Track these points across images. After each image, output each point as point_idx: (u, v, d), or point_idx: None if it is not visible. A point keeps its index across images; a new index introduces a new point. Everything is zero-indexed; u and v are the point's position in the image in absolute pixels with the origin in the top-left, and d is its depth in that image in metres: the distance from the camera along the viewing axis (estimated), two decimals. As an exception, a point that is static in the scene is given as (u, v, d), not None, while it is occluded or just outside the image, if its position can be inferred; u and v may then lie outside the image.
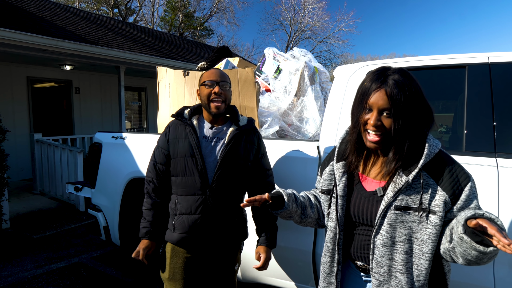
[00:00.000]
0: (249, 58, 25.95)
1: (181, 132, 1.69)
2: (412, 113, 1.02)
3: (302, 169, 2.11)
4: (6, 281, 3.06)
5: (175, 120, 1.76)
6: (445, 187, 1.01)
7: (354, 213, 1.16)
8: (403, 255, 1.04)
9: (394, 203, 1.04)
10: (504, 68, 1.71)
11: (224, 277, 1.75)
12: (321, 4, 28.07)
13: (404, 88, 1.01)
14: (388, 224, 1.05)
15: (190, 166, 1.63)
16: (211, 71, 1.70)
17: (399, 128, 1.01)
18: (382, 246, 1.06)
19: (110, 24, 9.35)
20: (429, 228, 1.01)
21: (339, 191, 1.18)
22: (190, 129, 1.66)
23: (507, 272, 1.56)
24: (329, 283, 1.23)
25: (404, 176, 1.03)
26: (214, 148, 1.67)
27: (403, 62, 1.97)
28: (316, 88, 2.86)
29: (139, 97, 10.29)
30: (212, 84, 1.64)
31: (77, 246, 3.88)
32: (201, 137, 1.68)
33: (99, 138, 3.15)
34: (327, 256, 1.23)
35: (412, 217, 1.03)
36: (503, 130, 1.65)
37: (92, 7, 22.42)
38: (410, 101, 1.02)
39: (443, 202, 1.00)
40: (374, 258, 1.09)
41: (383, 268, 1.07)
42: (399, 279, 1.05)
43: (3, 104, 6.62)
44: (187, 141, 1.65)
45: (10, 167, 4.27)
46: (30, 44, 5.21)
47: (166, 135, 1.73)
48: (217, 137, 1.69)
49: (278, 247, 2.15)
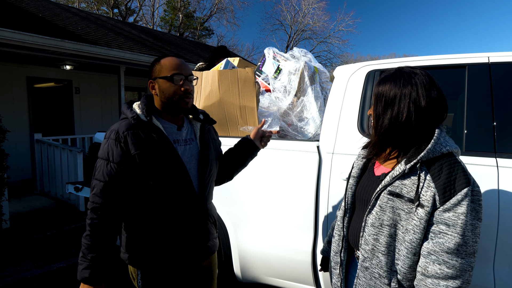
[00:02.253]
0: (249, 58, 25.95)
1: (146, 140, 1.32)
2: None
3: (302, 169, 2.11)
4: (6, 281, 3.06)
5: (126, 124, 1.33)
6: (438, 185, 1.03)
7: (358, 194, 1.26)
8: (388, 238, 1.10)
9: (388, 188, 1.11)
10: (504, 68, 1.71)
11: (211, 281, 1.63)
12: (321, 4, 28.10)
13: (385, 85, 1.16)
14: (379, 206, 1.12)
15: (172, 179, 1.35)
16: (174, 62, 1.39)
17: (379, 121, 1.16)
18: (371, 226, 1.14)
19: (110, 24, 9.35)
20: (414, 220, 1.05)
21: (353, 172, 1.31)
22: (156, 135, 1.34)
23: (507, 272, 1.56)
24: (336, 262, 1.32)
25: (403, 165, 1.09)
26: (190, 151, 1.44)
27: (403, 62, 1.97)
28: (316, 88, 2.86)
29: (139, 97, 10.30)
30: (181, 79, 1.37)
31: (77, 246, 3.87)
32: (172, 141, 1.38)
33: (99, 138, 3.15)
34: (336, 234, 1.34)
35: (402, 205, 1.08)
36: (503, 130, 1.65)
37: (92, 7, 22.42)
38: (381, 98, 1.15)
39: (432, 199, 1.02)
40: (363, 235, 1.17)
41: (368, 246, 1.15)
42: (380, 259, 1.12)
43: (3, 104, 6.62)
44: (160, 150, 1.33)
45: (10, 167, 4.27)
46: (30, 44, 5.21)
47: (123, 146, 1.29)
48: (188, 139, 1.46)
49: (278, 247, 2.15)
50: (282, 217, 2.16)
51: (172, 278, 1.43)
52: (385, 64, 2.02)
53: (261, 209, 2.22)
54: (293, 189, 2.12)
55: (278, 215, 2.17)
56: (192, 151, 1.45)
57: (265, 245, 2.20)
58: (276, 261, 2.16)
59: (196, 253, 1.47)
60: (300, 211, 2.09)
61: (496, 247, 1.56)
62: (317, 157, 2.07)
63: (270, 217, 2.20)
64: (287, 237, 2.14)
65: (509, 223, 1.54)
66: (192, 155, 1.45)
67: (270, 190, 2.20)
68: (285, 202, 2.15)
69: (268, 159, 2.21)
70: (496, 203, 1.56)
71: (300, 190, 2.09)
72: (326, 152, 2.05)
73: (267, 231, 2.20)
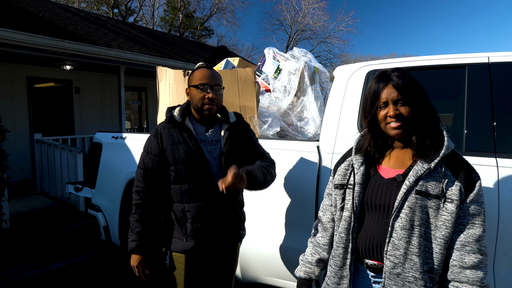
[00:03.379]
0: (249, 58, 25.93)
1: (177, 137, 1.60)
2: (420, 100, 1.15)
3: (302, 169, 2.11)
4: (6, 281, 3.06)
5: (165, 123, 1.65)
6: (460, 179, 1.10)
7: (370, 199, 1.20)
8: (419, 238, 1.10)
9: (415, 188, 1.11)
10: (504, 68, 1.71)
11: (229, 274, 1.79)
12: (321, 4, 28.11)
13: (406, 79, 1.16)
14: (408, 207, 1.11)
15: (195, 172, 1.57)
16: (203, 72, 1.62)
17: (415, 112, 1.14)
18: (401, 229, 1.11)
19: (110, 24, 9.35)
20: (444, 215, 1.08)
21: (357, 178, 1.23)
22: (186, 134, 1.60)
23: (507, 272, 1.56)
24: (341, 277, 1.24)
25: (426, 164, 1.11)
26: (215, 151, 1.65)
27: (403, 62, 1.97)
28: (316, 88, 2.86)
29: (139, 97, 10.29)
30: (205, 88, 1.58)
31: (77, 246, 3.88)
32: (199, 140, 1.62)
33: (99, 138, 3.15)
34: (340, 248, 1.24)
35: (430, 203, 1.10)
36: (503, 130, 1.65)
37: (92, 7, 22.42)
38: (415, 89, 1.15)
39: (459, 192, 1.08)
40: (390, 241, 1.13)
41: (399, 250, 1.11)
42: (414, 261, 1.10)
43: (3, 104, 6.62)
44: (187, 146, 1.58)
45: (10, 167, 4.27)
46: (30, 44, 5.21)
47: (159, 141, 1.60)
48: (214, 140, 1.66)
49: (278, 247, 2.16)
50: (282, 217, 2.16)
51: (196, 261, 1.65)
52: (385, 64, 2.02)
53: (261, 209, 2.22)
54: (293, 189, 2.12)
55: (278, 215, 2.17)
56: (216, 150, 1.65)
57: (265, 245, 2.20)
58: (276, 261, 2.16)
59: (219, 240, 1.65)
60: (300, 211, 2.09)
61: (496, 247, 1.56)
62: (317, 157, 2.07)
63: (270, 217, 2.20)
64: (287, 237, 2.14)
65: (509, 223, 1.54)
66: (216, 153, 1.64)
67: (270, 190, 2.20)
68: (285, 202, 2.15)
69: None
70: (496, 203, 1.56)
71: (300, 190, 2.09)
72: (326, 152, 2.05)
73: (267, 231, 2.20)
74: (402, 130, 1.15)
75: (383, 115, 1.17)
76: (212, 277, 1.75)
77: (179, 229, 1.62)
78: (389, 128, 1.17)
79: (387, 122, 1.17)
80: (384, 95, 1.16)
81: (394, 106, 1.15)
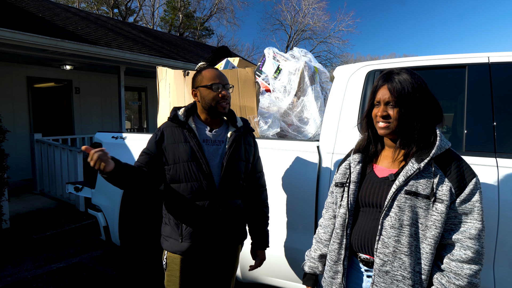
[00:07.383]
0: (249, 58, 25.94)
1: (179, 136, 1.62)
2: (413, 104, 1.15)
3: (302, 169, 2.11)
4: (6, 281, 3.06)
5: (169, 122, 1.68)
6: (452, 179, 1.10)
7: (363, 197, 1.24)
8: (409, 238, 1.11)
9: (404, 188, 1.13)
10: (504, 68, 1.71)
11: (228, 277, 1.77)
12: (321, 4, 28.08)
13: (406, 84, 1.16)
14: (397, 206, 1.12)
15: (194, 171, 1.58)
16: (213, 72, 1.65)
17: (402, 116, 1.16)
18: (390, 228, 1.13)
19: (110, 24, 9.35)
20: (434, 215, 1.09)
21: (353, 177, 1.28)
22: (189, 133, 1.61)
23: (507, 272, 1.56)
24: (335, 271, 1.28)
25: (416, 164, 1.12)
26: (217, 151, 1.64)
27: (403, 62, 1.97)
28: (316, 88, 2.86)
29: (139, 97, 10.29)
30: (219, 87, 1.61)
31: (77, 246, 3.88)
32: (201, 140, 1.63)
33: (99, 138, 3.15)
34: (335, 243, 1.29)
35: (420, 203, 1.11)
36: (503, 130, 1.65)
37: (92, 7, 22.42)
38: (410, 94, 1.15)
39: (449, 192, 1.08)
40: (380, 239, 1.15)
41: (388, 248, 1.13)
42: (403, 260, 1.12)
43: (3, 104, 6.62)
44: (188, 145, 1.59)
45: (10, 167, 4.27)
46: (30, 44, 5.21)
47: (160, 140, 1.63)
48: (218, 140, 1.67)
49: (278, 247, 2.16)
50: (282, 217, 2.16)
51: (192, 262, 1.66)
52: (385, 64, 2.02)
53: (261, 209, 2.22)
54: (293, 189, 2.12)
55: (278, 215, 2.17)
56: (218, 151, 1.65)
57: (265, 245, 2.20)
58: (276, 261, 2.16)
59: (217, 242, 1.64)
60: (300, 211, 2.09)
61: (496, 247, 1.56)
62: (317, 157, 2.07)
63: (270, 217, 2.19)
64: (287, 237, 2.14)
65: (509, 223, 1.54)
66: (217, 154, 1.64)
67: (270, 190, 2.20)
68: (285, 202, 2.15)
69: (268, 159, 2.21)
70: (496, 203, 1.56)
71: (300, 190, 2.09)
72: (326, 152, 2.05)
73: (267, 231, 2.20)
74: (389, 131, 1.18)
75: (375, 113, 1.23)
76: (210, 279, 1.74)
77: (175, 229, 1.63)
78: (378, 127, 1.22)
79: (377, 121, 1.22)
80: (379, 94, 1.21)
81: (385, 106, 1.19)
